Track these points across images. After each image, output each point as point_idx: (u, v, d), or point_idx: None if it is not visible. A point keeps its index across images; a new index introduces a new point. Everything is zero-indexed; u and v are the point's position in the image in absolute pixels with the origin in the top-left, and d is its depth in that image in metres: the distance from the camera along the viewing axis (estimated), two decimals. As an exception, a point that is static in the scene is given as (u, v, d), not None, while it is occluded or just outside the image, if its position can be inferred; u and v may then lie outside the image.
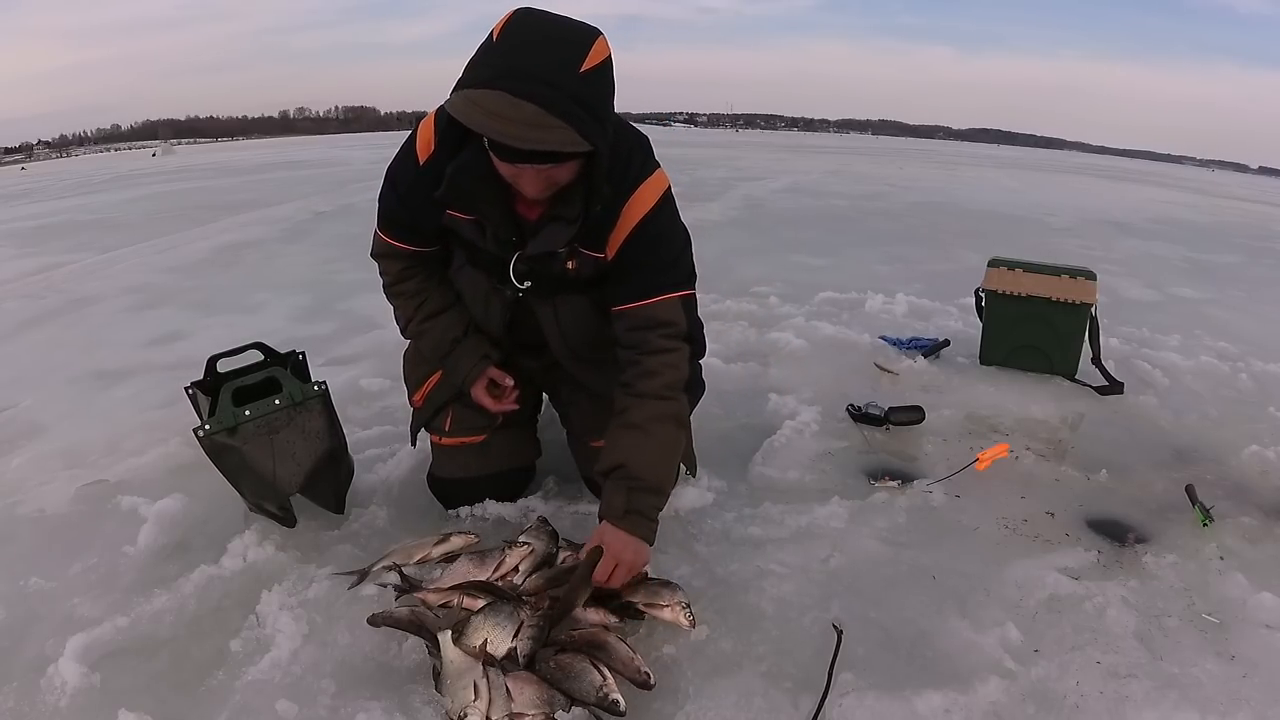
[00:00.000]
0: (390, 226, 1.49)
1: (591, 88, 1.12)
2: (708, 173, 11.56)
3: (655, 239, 1.36)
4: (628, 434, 1.35)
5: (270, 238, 5.84)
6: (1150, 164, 43.88)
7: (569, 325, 1.47)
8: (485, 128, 1.10)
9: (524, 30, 1.12)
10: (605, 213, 1.32)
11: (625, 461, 1.34)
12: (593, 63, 1.11)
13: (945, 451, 2.06)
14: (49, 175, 17.63)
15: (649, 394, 1.36)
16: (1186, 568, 1.56)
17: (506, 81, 1.08)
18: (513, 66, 1.09)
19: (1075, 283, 2.53)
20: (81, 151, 76.21)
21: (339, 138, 47.07)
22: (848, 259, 4.87)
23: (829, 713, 1.18)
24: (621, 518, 1.32)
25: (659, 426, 1.36)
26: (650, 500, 1.35)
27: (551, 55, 1.10)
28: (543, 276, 1.42)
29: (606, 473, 1.36)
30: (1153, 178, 18.76)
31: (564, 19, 1.15)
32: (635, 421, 1.35)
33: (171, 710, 1.18)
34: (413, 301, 1.55)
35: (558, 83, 1.09)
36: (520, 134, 1.08)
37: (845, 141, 46.14)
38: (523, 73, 1.08)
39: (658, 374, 1.36)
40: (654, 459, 1.36)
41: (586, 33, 1.14)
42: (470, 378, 1.55)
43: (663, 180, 1.38)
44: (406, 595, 1.39)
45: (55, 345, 3.18)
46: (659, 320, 1.37)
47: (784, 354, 2.84)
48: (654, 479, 1.35)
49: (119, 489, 1.83)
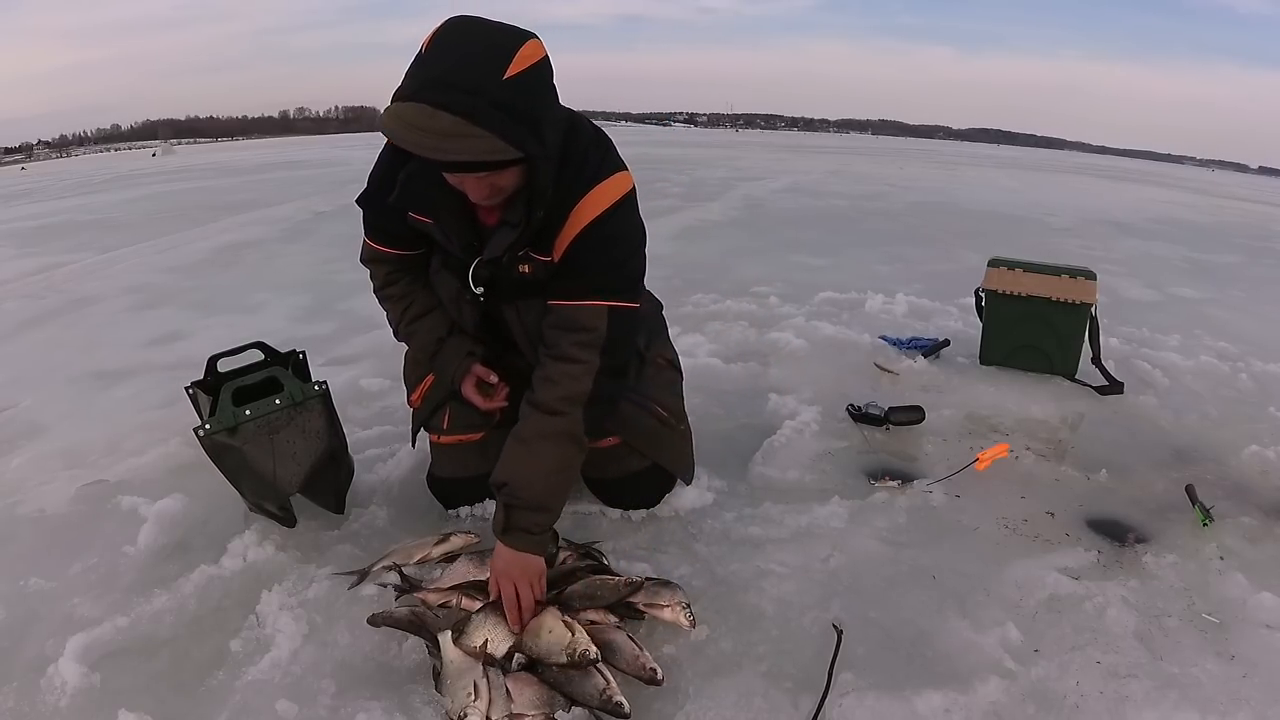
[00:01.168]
0: (373, 231, 1.53)
1: (517, 92, 1.10)
2: (708, 173, 11.56)
3: (601, 242, 1.31)
4: (514, 448, 1.35)
5: (270, 238, 5.84)
6: (1150, 164, 43.88)
7: (533, 328, 1.44)
8: (405, 140, 1.09)
9: (449, 40, 1.11)
10: (553, 215, 1.29)
11: (509, 479, 1.33)
12: (520, 67, 1.09)
13: (945, 451, 2.06)
14: (49, 175, 17.64)
15: (541, 406, 1.34)
16: (1186, 568, 1.56)
17: (428, 93, 1.07)
18: (434, 77, 1.08)
19: (1075, 283, 2.53)
20: (81, 151, 76.23)
21: (339, 138, 47.07)
22: (848, 259, 4.87)
23: (829, 713, 1.18)
24: (503, 534, 1.33)
25: (543, 444, 1.34)
26: (530, 517, 1.32)
27: (473, 63, 1.08)
28: (502, 280, 1.41)
29: (496, 487, 1.36)
30: (1153, 178, 18.76)
31: (494, 25, 1.14)
32: (523, 436, 1.34)
33: (171, 710, 1.18)
34: (399, 305, 1.58)
35: (478, 90, 1.07)
36: (437, 145, 1.08)
37: (845, 141, 46.14)
38: (443, 83, 1.07)
39: (556, 383, 1.33)
40: (535, 477, 1.33)
41: (513, 37, 1.12)
42: (457, 376, 1.56)
43: (622, 183, 1.33)
44: (406, 595, 1.39)
45: (55, 345, 3.18)
46: (577, 324, 1.33)
47: (784, 354, 2.84)
48: (533, 497, 1.33)
49: (119, 489, 1.83)
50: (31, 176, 17.89)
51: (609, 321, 1.33)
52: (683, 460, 1.72)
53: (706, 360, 2.68)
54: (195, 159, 21.85)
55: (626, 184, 1.34)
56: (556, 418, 1.33)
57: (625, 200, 1.33)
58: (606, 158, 1.33)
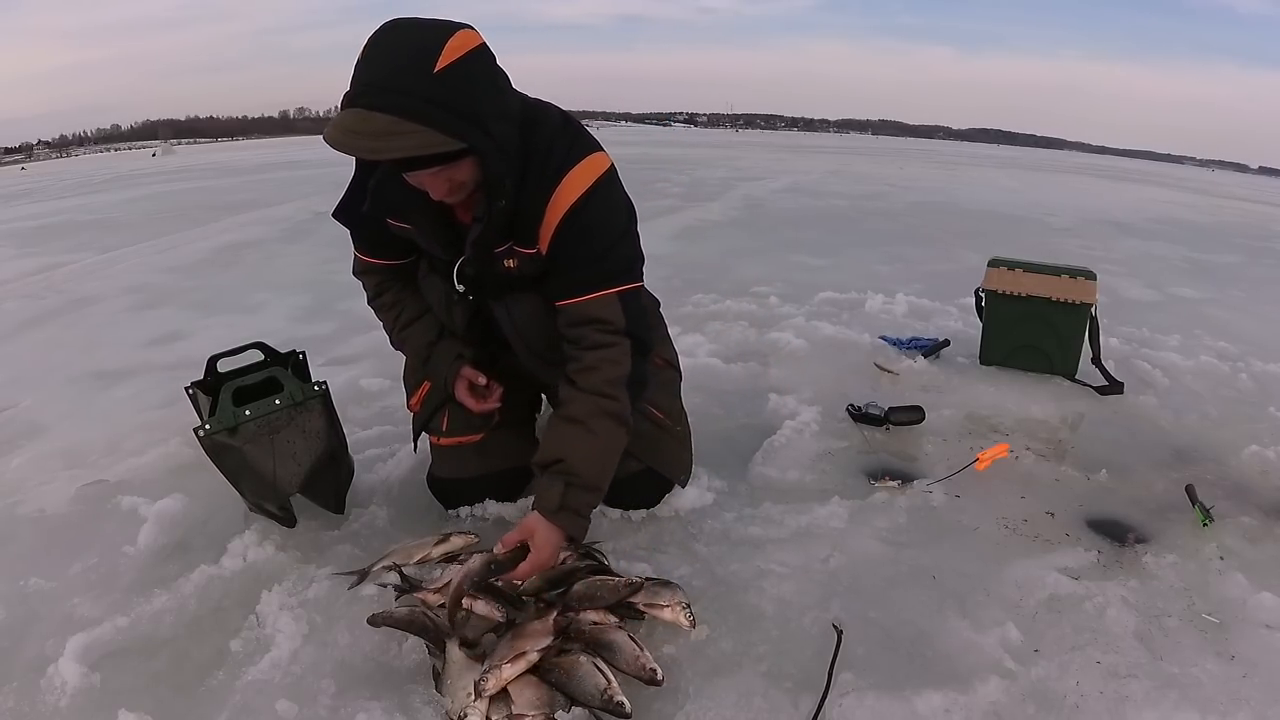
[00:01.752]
0: (360, 243, 1.54)
1: (448, 85, 1.10)
2: (708, 173, 11.56)
3: (586, 229, 1.30)
4: (569, 428, 1.33)
5: (270, 238, 5.84)
6: (1150, 164, 43.87)
7: (524, 325, 1.45)
8: (343, 145, 1.10)
9: (381, 43, 1.12)
10: (531, 206, 1.29)
11: (565, 456, 1.32)
12: (448, 60, 1.10)
13: (945, 451, 2.06)
14: (49, 175, 17.65)
15: (590, 389, 1.33)
16: (1186, 568, 1.56)
17: (362, 97, 1.09)
18: (367, 81, 1.10)
19: (1075, 283, 2.53)
20: (81, 151, 76.22)
21: (339, 138, 46.93)
22: (848, 259, 4.87)
23: (829, 713, 1.18)
24: (555, 513, 1.31)
25: (601, 423, 1.33)
26: (584, 497, 1.33)
27: (401, 62, 1.10)
28: (488, 278, 1.42)
29: (545, 465, 1.34)
30: (1153, 178, 18.76)
31: (425, 22, 1.14)
32: (577, 416, 1.33)
33: (171, 710, 1.18)
34: (391, 314, 1.61)
35: (407, 88, 1.08)
36: (371, 145, 1.10)
37: (845, 141, 46.14)
38: (375, 86, 1.09)
39: (597, 369, 1.33)
40: (594, 456, 1.33)
41: (441, 31, 1.12)
42: (449, 379, 1.57)
43: (596, 165, 1.31)
44: (406, 595, 1.39)
45: (55, 345, 3.18)
46: (595, 317, 1.34)
47: (784, 354, 2.84)
48: (592, 477, 1.33)
49: (119, 489, 1.83)
50: (31, 176, 17.90)
51: (621, 307, 1.35)
52: (678, 463, 1.71)
53: (706, 360, 2.68)
54: (195, 159, 21.86)
55: (601, 165, 1.33)
56: (607, 399, 1.33)
57: (603, 181, 1.32)
58: (576, 142, 1.32)
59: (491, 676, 1.14)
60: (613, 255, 1.35)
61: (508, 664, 1.16)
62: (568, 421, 1.34)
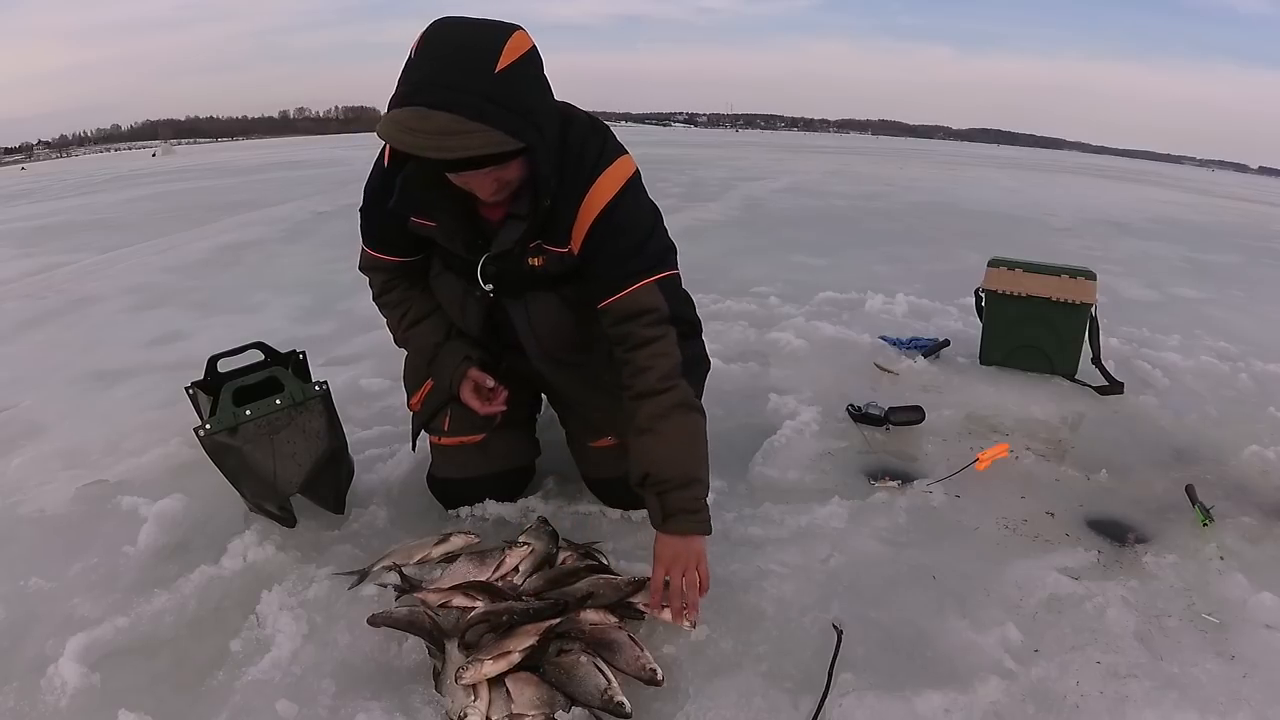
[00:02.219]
0: (371, 239, 1.53)
1: (509, 85, 1.11)
2: (708, 173, 11.56)
3: (619, 228, 1.33)
4: (641, 439, 1.34)
5: (270, 238, 5.84)
6: (1150, 164, 43.85)
7: (540, 324, 1.46)
8: (404, 144, 1.10)
9: (436, 41, 1.12)
10: (564, 206, 1.30)
11: (649, 469, 1.33)
12: (509, 60, 1.11)
13: (945, 451, 2.06)
14: (49, 175, 17.63)
15: (647, 392, 1.34)
16: (1186, 568, 1.56)
17: (421, 95, 1.09)
18: (426, 79, 1.10)
19: (1075, 283, 2.53)
20: (81, 151, 76.20)
21: (339, 138, 47.07)
22: (848, 259, 4.87)
23: (829, 713, 1.18)
24: (663, 524, 1.32)
25: (665, 423, 1.33)
26: (684, 496, 1.32)
27: (462, 61, 1.10)
28: (511, 276, 1.42)
29: (639, 485, 1.36)
30: (1153, 178, 18.75)
31: (479, 22, 1.15)
32: (642, 425, 1.34)
33: (171, 710, 1.18)
34: (397, 311, 1.59)
35: (469, 87, 1.09)
36: (434, 144, 1.09)
37: (845, 141, 46.14)
38: (435, 84, 1.09)
39: (649, 368, 1.34)
40: (672, 455, 1.33)
41: (499, 31, 1.13)
42: (454, 380, 1.56)
43: (625, 167, 1.35)
44: (406, 595, 1.39)
45: (55, 345, 3.18)
46: (639, 308, 1.34)
47: (784, 354, 2.84)
48: (680, 474, 1.33)
49: (119, 489, 1.83)
50: (31, 176, 17.88)
51: (663, 294, 1.36)
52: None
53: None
54: (195, 159, 21.85)
55: (630, 167, 1.36)
56: (665, 395, 1.33)
57: (632, 183, 1.35)
58: (606, 144, 1.34)
59: (471, 668, 1.15)
60: (648, 247, 1.37)
61: (490, 660, 1.16)
62: (639, 433, 1.34)
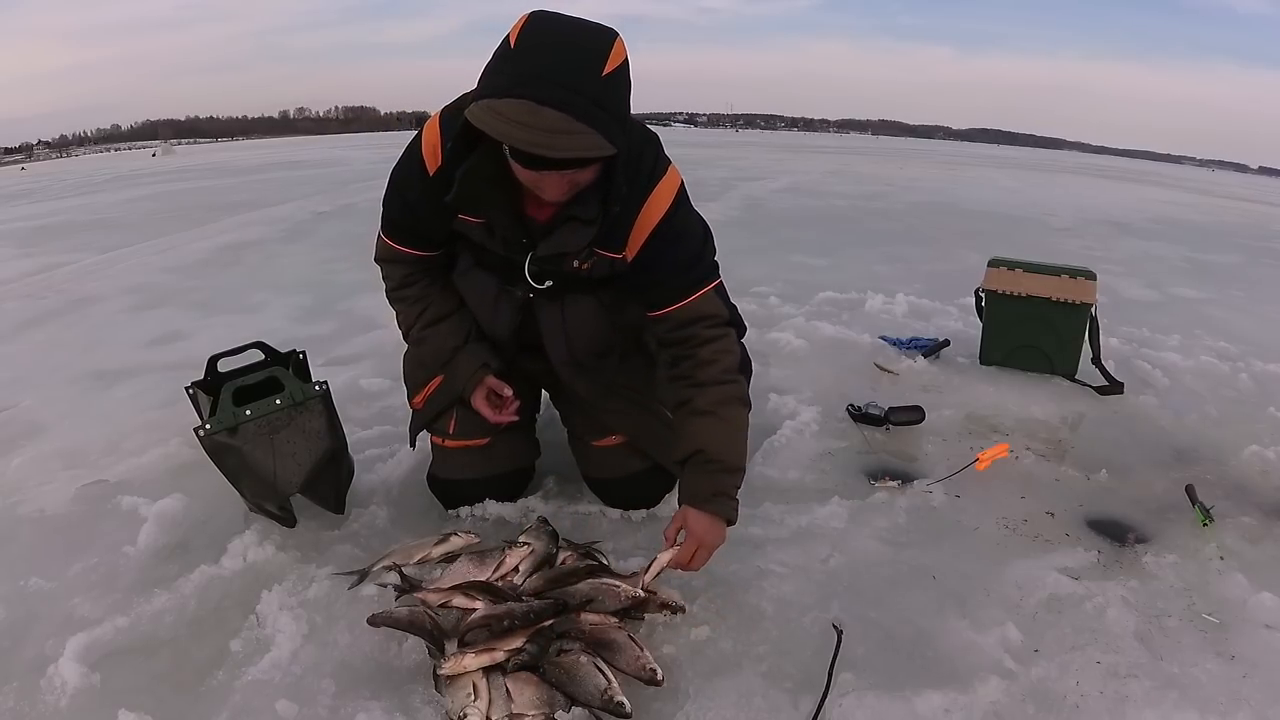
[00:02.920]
0: (395, 231, 1.49)
1: (612, 90, 1.10)
2: (708, 173, 11.55)
3: (678, 237, 1.36)
4: (699, 420, 1.36)
5: (270, 238, 5.84)
6: (1150, 164, 43.84)
7: (575, 327, 1.47)
8: (510, 137, 1.08)
9: (541, 34, 1.09)
10: (623, 213, 1.31)
11: (704, 446, 1.35)
12: (613, 65, 1.10)
13: (945, 451, 2.06)
14: (49, 175, 17.63)
15: (710, 381, 1.37)
16: (1186, 568, 1.56)
17: (527, 88, 1.06)
18: (533, 73, 1.06)
19: (1075, 283, 2.53)
20: (81, 151, 76.17)
21: (339, 138, 47.06)
22: (848, 259, 4.87)
23: (829, 713, 1.18)
24: (708, 501, 1.34)
25: (728, 409, 1.37)
26: (732, 480, 1.36)
27: (573, 59, 1.08)
28: (552, 277, 1.41)
29: (684, 460, 1.38)
30: (1153, 178, 18.75)
31: (581, 21, 1.14)
32: (703, 408, 1.36)
33: (171, 710, 1.18)
34: (415, 308, 1.55)
35: (579, 87, 1.07)
36: (546, 141, 1.06)
37: (845, 141, 46.13)
38: (545, 79, 1.06)
39: (714, 361, 1.38)
40: (729, 440, 1.37)
41: (605, 34, 1.12)
42: (469, 386, 1.54)
43: (676, 177, 1.38)
44: (406, 595, 1.39)
45: (55, 345, 3.18)
46: (702, 314, 1.39)
47: (784, 354, 2.84)
48: (733, 459, 1.36)
49: (119, 489, 1.83)
50: (31, 176, 17.87)
51: (722, 301, 1.43)
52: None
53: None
54: (195, 159, 21.85)
55: (679, 179, 1.40)
56: (729, 385, 1.38)
57: (683, 193, 1.39)
58: (660, 155, 1.37)
59: (452, 659, 1.17)
60: (705, 256, 1.42)
61: (472, 654, 1.18)
62: (698, 415, 1.37)
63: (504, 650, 1.20)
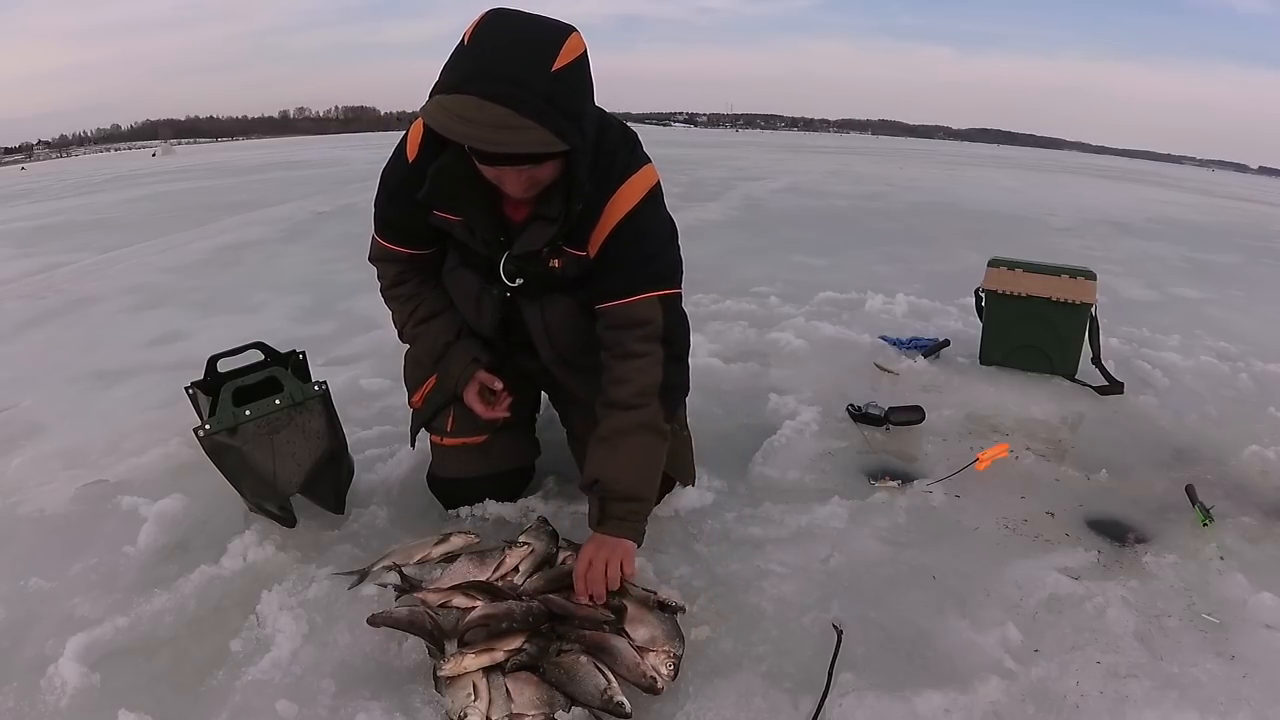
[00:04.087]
0: (384, 229, 1.50)
1: (564, 86, 1.10)
2: (708, 173, 11.56)
3: (636, 236, 1.34)
4: (598, 448, 1.39)
5: (270, 238, 5.84)
6: (1150, 164, 43.83)
7: (555, 327, 1.47)
8: (455, 132, 1.09)
9: (494, 31, 1.10)
10: (588, 210, 1.30)
11: (599, 476, 1.38)
12: (565, 61, 1.10)
13: (945, 451, 2.06)
14: (49, 175, 17.63)
15: (618, 404, 1.37)
16: (1186, 568, 1.56)
17: (476, 84, 1.07)
18: (482, 69, 1.08)
19: (1075, 283, 2.53)
20: (81, 151, 76.13)
21: (339, 138, 47.04)
22: (848, 259, 4.87)
23: (829, 713, 1.18)
24: (598, 525, 1.38)
25: (626, 439, 1.37)
26: (625, 507, 1.37)
27: (521, 55, 1.09)
28: (530, 276, 1.41)
29: (586, 488, 1.41)
30: (1153, 178, 18.75)
31: (536, 18, 1.14)
32: (604, 435, 1.38)
33: (171, 710, 1.18)
34: (407, 306, 1.56)
35: (527, 83, 1.07)
36: (489, 137, 1.08)
37: (845, 141, 46.12)
38: (492, 75, 1.07)
39: (628, 381, 1.36)
40: (625, 469, 1.38)
41: (558, 30, 1.12)
42: (461, 381, 1.55)
43: (649, 176, 1.36)
44: (406, 595, 1.39)
45: (55, 345, 3.18)
46: (636, 320, 1.36)
47: (784, 354, 2.84)
48: (626, 488, 1.38)
49: (119, 489, 1.83)
50: (31, 176, 17.87)
51: (663, 311, 1.37)
52: (683, 466, 1.71)
53: (706, 360, 2.68)
54: (195, 159, 21.85)
55: (653, 177, 1.37)
56: (634, 411, 1.37)
57: (654, 193, 1.36)
58: (635, 152, 1.35)
59: (452, 660, 1.17)
60: (658, 260, 1.38)
61: (472, 654, 1.18)
62: (598, 441, 1.39)
63: (504, 650, 1.20)
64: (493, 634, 1.23)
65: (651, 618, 1.30)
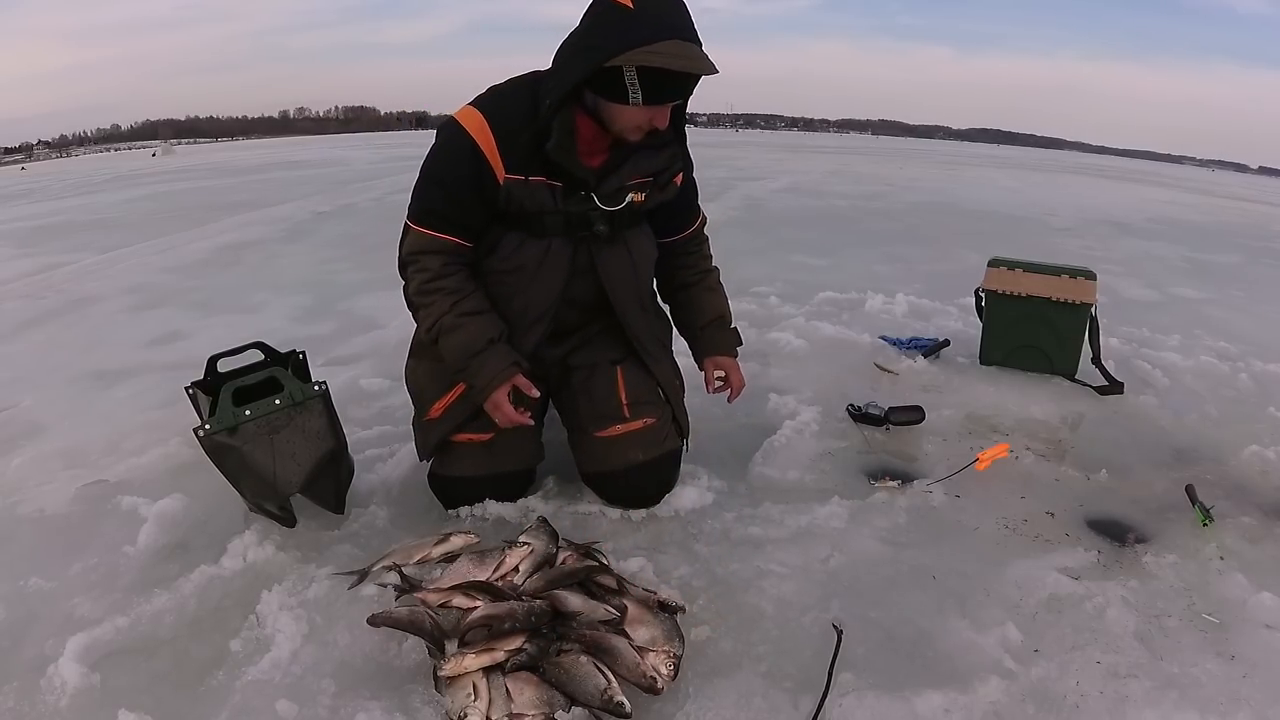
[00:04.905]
0: (436, 220, 1.53)
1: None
2: (708, 173, 11.50)
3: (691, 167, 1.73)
4: (711, 295, 1.82)
5: (270, 238, 5.84)
6: (1150, 164, 43.84)
7: (641, 260, 1.67)
8: (689, 66, 1.37)
9: None
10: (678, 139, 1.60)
11: (723, 312, 1.82)
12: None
13: (945, 451, 2.06)
14: (49, 175, 17.63)
15: (709, 270, 1.84)
16: (1186, 568, 1.56)
17: (674, 32, 1.36)
18: (666, 23, 1.36)
19: (1075, 283, 2.53)
20: (81, 151, 76.10)
21: (339, 138, 46.99)
22: (848, 259, 4.87)
23: (829, 713, 1.18)
24: (728, 349, 1.81)
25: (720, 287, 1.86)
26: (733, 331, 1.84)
27: (682, 8, 1.40)
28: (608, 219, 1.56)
29: (707, 324, 1.79)
30: (1153, 178, 18.76)
31: None
32: (711, 285, 1.83)
33: (171, 710, 1.18)
34: (452, 297, 1.52)
35: (693, 26, 1.39)
36: (707, 66, 1.38)
37: (845, 141, 46.11)
38: (680, 25, 1.37)
39: (708, 256, 1.86)
40: (727, 306, 1.85)
41: None
42: (497, 380, 1.52)
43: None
44: (406, 595, 1.39)
45: (55, 345, 3.18)
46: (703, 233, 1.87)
47: (784, 354, 2.84)
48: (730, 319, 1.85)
49: (119, 489, 1.83)
50: (31, 176, 17.87)
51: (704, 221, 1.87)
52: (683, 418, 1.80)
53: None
54: (195, 159, 21.86)
55: None
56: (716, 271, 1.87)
57: None
58: None
59: (452, 660, 1.17)
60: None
61: (472, 655, 1.18)
62: (708, 290, 1.82)
63: (504, 650, 1.20)
64: (494, 634, 1.23)
65: (651, 618, 1.30)
